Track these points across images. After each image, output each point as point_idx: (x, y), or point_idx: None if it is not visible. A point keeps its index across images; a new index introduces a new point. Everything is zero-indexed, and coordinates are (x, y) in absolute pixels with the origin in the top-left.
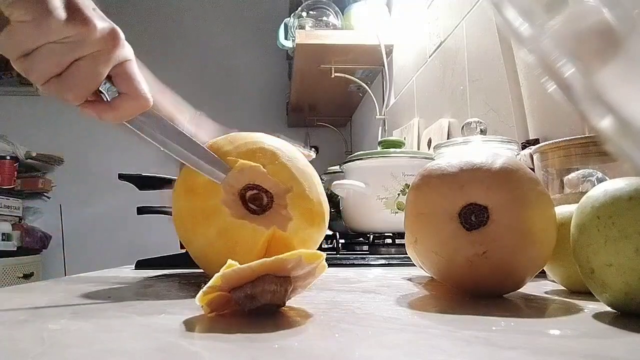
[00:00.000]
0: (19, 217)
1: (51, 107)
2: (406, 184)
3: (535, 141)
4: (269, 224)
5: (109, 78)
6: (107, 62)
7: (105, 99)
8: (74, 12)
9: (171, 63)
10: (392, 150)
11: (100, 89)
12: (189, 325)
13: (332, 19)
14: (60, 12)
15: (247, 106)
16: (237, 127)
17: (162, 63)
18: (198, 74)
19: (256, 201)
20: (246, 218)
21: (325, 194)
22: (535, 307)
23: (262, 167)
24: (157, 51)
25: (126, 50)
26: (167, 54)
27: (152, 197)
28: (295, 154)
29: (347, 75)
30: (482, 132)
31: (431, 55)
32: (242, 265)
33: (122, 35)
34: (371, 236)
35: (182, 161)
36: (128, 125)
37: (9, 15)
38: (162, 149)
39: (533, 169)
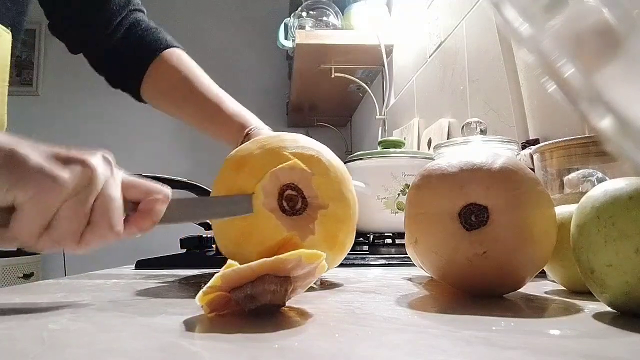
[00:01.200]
0: None
1: (51, 107)
2: (406, 184)
3: (535, 141)
4: (292, 228)
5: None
6: (88, 199)
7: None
8: (72, 163)
9: None
10: (392, 150)
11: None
12: (189, 325)
13: (332, 19)
14: (64, 173)
15: (247, 106)
16: None
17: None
18: None
19: (290, 202)
20: (274, 212)
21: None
22: (535, 307)
23: (311, 173)
24: None
25: (115, 171)
26: None
27: None
28: (345, 176)
29: (347, 75)
30: (482, 132)
31: (431, 55)
32: (242, 265)
33: (93, 165)
34: (371, 236)
35: (213, 220)
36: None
37: (10, 200)
38: (194, 222)
39: (533, 169)
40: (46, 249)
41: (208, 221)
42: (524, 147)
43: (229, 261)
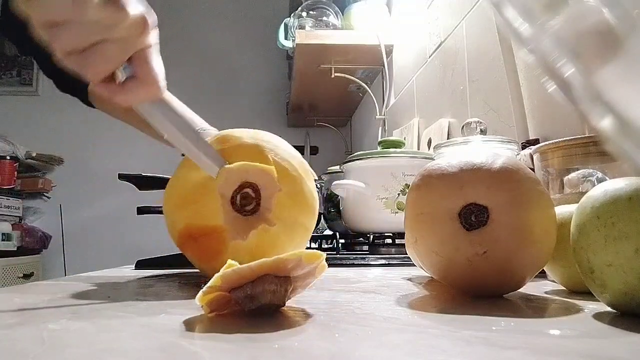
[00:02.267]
0: (19, 217)
1: (51, 107)
2: (406, 184)
3: (535, 141)
4: (230, 223)
5: (129, 60)
6: (130, 49)
7: (120, 80)
8: None
9: (171, 63)
10: (392, 150)
11: (119, 70)
12: (189, 325)
13: (332, 19)
14: None
15: (247, 106)
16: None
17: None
18: (198, 74)
19: (244, 200)
20: (224, 199)
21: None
22: (535, 307)
23: (278, 188)
24: None
25: (151, 37)
26: (166, 54)
27: (152, 197)
28: (311, 204)
29: (347, 75)
30: (482, 132)
31: (431, 55)
32: (242, 265)
33: (151, 22)
34: (371, 236)
35: (183, 152)
36: (137, 108)
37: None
38: (166, 137)
39: (533, 169)
40: (72, 65)
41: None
42: (524, 147)
43: (229, 261)
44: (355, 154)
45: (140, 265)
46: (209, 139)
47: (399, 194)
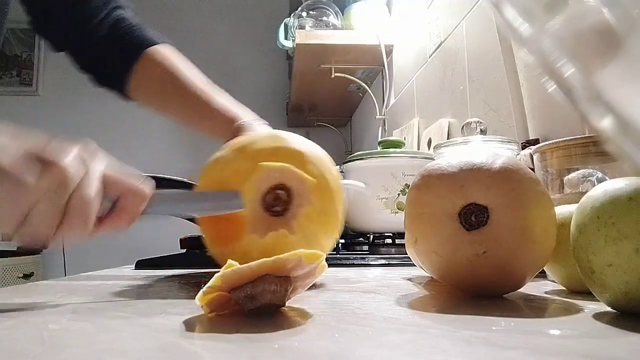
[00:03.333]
0: None
1: (51, 107)
2: (406, 184)
3: (535, 141)
4: (270, 227)
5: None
6: (64, 193)
7: (105, 210)
8: (44, 164)
9: None
10: (392, 150)
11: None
12: (189, 325)
13: (332, 19)
14: (27, 174)
15: (247, 106)
16: None
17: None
18: None
19: (276, 201)
20: (257, 209)
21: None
22: (535, 307)
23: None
24: None
25: (93, 166)
26: None
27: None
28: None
29: (347, 75)
30: (482, 132)
31: (431, 55)
32: (242, 265)
33: (65, 162)
34: (371, 236)
35: (205, 214)
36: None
37: None
38: (183, 215)
39: (533, 169)
40: (25, 241)
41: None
42: (524, 147)
43: (229, 261)
44: (355, 154)
45: (140, 265)
46: (261, 136)
47: (399, 194)
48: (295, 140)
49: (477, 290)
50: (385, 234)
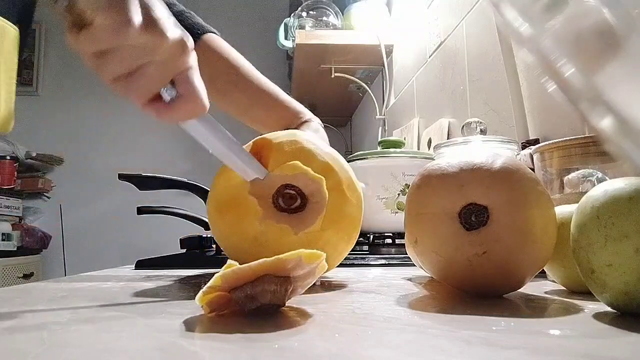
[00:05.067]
0: (19, 217)
1: (51, 107)
2: (406, 184)
3: (535, 141)
4: (285, 222)
5: (171, 81)
6: (172, 69)
7: (166, 100)
8: (151, 21)
9: None
10: (392, 150)
11: (162, 91)
12: (189, 325)
13: (332, 19)
14: (138, 21)
15: None
16: (237, 127)
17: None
18: None
19: (290, 200)
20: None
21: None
22: (535, 307)
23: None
24: None
25: (191, 59)
26: None
27: (152, 197)
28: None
29: (347, 75)
30: (482, 132)
31: (431, 55)
32: (242, 265)
33: (190, 45)
34: (371, 236)
35: (228, 164)
36: (183, 126)
37: (92, 18)
38: (209, 150)
39: (533, 169)
40: (119, 90)
41: (207, 220)
42: (524, 147)
43: (229, 261)
44: (355, 154)
45: (140, 265)
46: (246, 145)
47: (399, 194)
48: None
49: (477, 290)
50: (385, 234)
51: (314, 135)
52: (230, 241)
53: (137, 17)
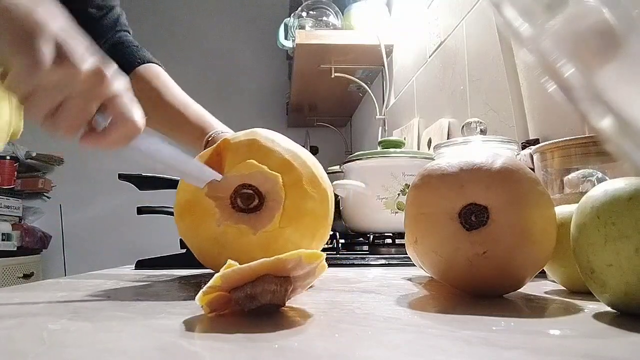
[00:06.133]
0: (19, 217)
1: None
2: (406, 184)
3: (535, 141)
4: (243, 222)
5: (103, 109)
6: (94, 98)
7: (99, 129)
8: (62, 57)
9: (171, 63)
10: (392, 150)
11: (94, 120)
12: (189, 325)
13: (332, 19)
14: (48, 59)
15: (247, 106)
16: (237, 127)
17: (162, 63)
18: (198, 74)
19: (247, 200)
20: (232, 219)
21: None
22: (535, 307)
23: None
24: (157, 51)
25: (115, 85)
26: (167, 54)
27: (152, 197)
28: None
29: (347, 75)
30: (482, 132)
31: (431, 55)
32: (242, 265)
33: (109, 72)
34: (371, 236)
35: (176, 177)
36: (125, 151)
37: (6, 66)
38: (156, 168)
39: (533, 169)
40: (50, 129)
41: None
42: (524, 147)
43: (229, 261)
44: (355, 154)
45: (140, 265)
46: (210, 149)
47: (399, 194)
48: (272, 137)
49: (477, 290)
50: (385, 234)
51: (274, 132)
52: (192, 243)
53: (46, 56)
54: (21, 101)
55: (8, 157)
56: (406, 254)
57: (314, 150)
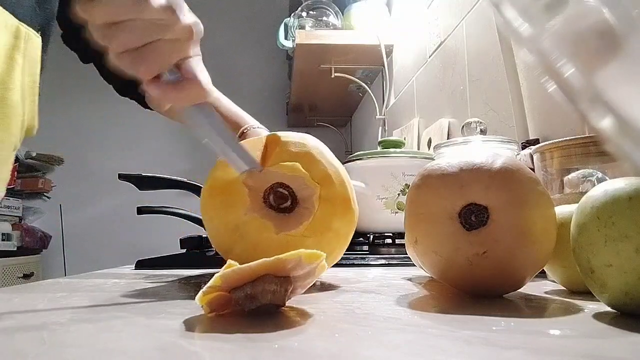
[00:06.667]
0: (19, 217)
1: (51, 107)
2: (406, 184)
3: (535, 141)
4: (278, 224)
5: (176, 66)
6: (181, 51)
7: (168, 81)
8: (170, 2)
9: None
10: (392, 150)
11: (164, 73)
12: (189, 325)
13: (332, 19)
14: None
15: (247, 106)
16: None
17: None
18: None
19: (281, 199)
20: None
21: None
22: (535, 307)
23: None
24: None
25: (197, 47)
26: None
27: (152, 197)
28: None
29: (347, 75)
30: (482, 132)
31: (431, 55)
32: (242, 265)
33: (200, 33)
34: (371, 236)
35: (221, 156)
36: (181, 112)
37: None
38: (204, 140)
39: (533, 169)
40: (125, 63)
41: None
42: (524, 147)
43: (229, 261)
44: (355, 154)
45: (140, 265)
46: (257, 139)
47: (399, 194)
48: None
49: (477, 290)
50: (385, 234)
51: (322, 143)
52: (213, 224)
53: None
54: (107, 27)
55: None
56: (406, 254)
57: None
